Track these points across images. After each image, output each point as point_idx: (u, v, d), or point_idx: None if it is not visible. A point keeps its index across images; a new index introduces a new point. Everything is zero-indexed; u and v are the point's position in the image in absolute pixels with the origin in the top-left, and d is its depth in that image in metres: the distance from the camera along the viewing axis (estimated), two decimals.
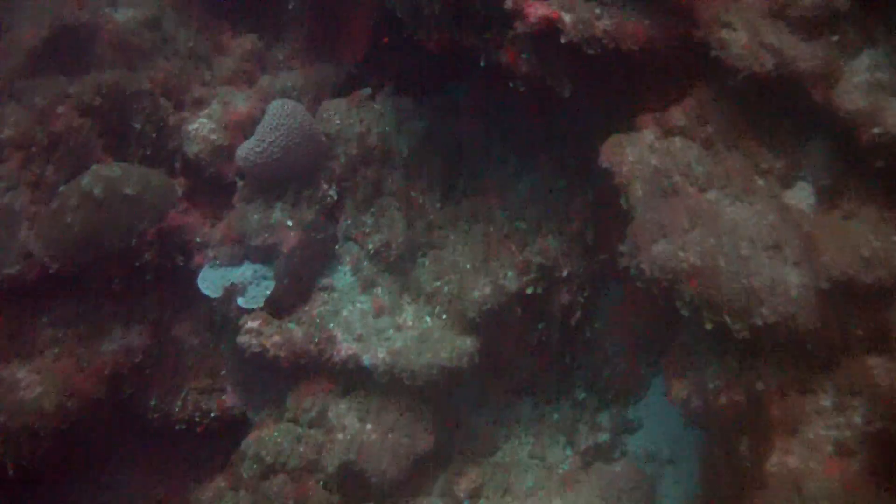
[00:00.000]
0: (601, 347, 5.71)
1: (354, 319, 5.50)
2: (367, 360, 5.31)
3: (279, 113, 5.70)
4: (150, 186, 5.64)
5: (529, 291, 5.43)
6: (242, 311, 5.63)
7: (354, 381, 5.47)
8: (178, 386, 5.99)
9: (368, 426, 5.36)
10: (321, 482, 5.32)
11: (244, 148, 5.74)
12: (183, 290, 5.98)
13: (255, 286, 5.69)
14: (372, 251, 5.65)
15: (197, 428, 5.86)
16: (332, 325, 5.48)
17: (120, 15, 6.57)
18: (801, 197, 4.42)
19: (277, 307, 5.59)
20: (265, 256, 5.75)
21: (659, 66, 4.67)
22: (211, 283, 5.75)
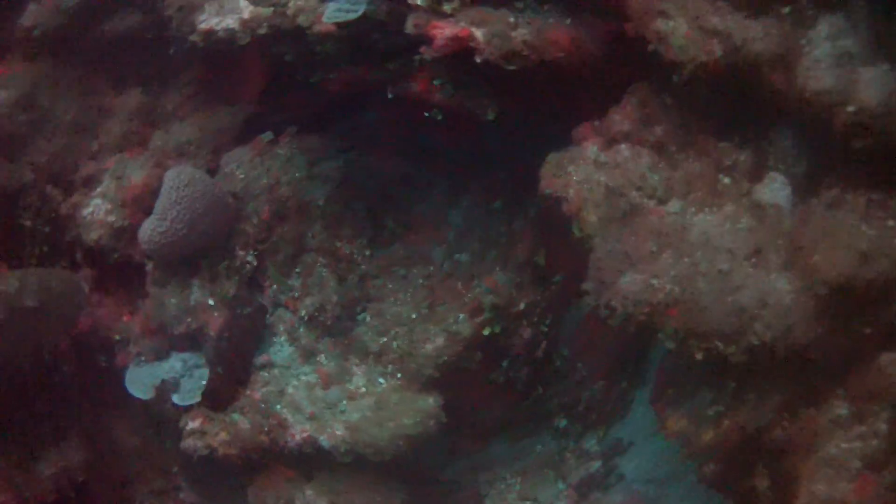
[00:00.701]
0: (574, 371, 5.26)
1: (302, 396, 5.06)
2: (324, 441, 4.85)
3: (176, 185, 5.19)
4: (52, 294, 5.10)
5: (486, 332, 4.97)
6: (179, 408, 5.10)
7: (315, 463, 4.99)
8: (130, 494, 5.57)
9: None
10: None
11: (146, 230, 5.23)
12: (112, 389, 5.51)
13: (187, 379, 5.20)
14: (306, 317, 5.15)
15: None
16: (278, 406, 5.01)
17: None
18: (774, 190, 3.90)
19: (216, 398, 5.07)
20: (192, 343, 5.27)
21: (591, 68, 4.17)
22: (140, 383, 5.29)
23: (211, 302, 5.23)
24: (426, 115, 4.53)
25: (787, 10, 3.76)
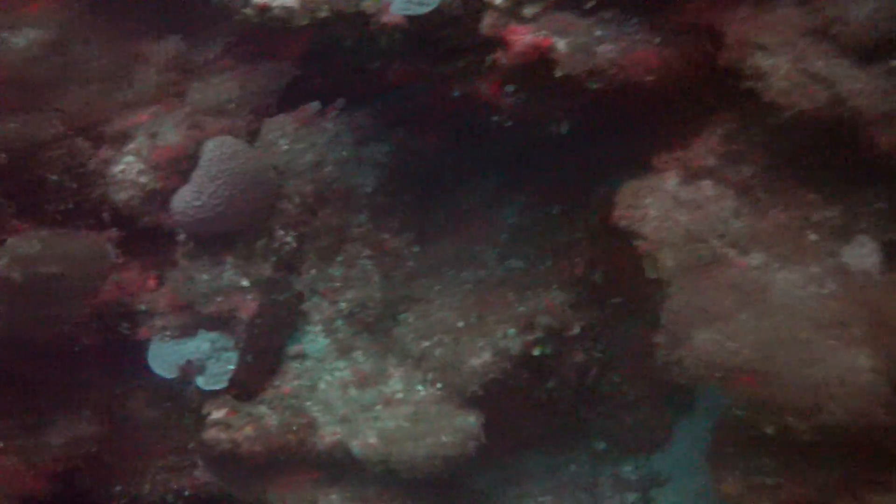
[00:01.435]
0: (622, 395, 5.00)
1: (335, 395, 4.78)
2: (355, 449, 4.59)
3: (217, 157, 4.87)
4: (76, 261, 4.84)
5: (536, 353, 4.69)
6: (203, 392, 4.85)
7: (342, 467, 4.75)
8: (143, 467, 5.34)
9: None
10: None
11: (180, 200, 4.92)
12: (131, 359, 5.23)
13: (214, 361, 4.92)
14: (346, 311, 4.88)
15: None
16: (309, 403, 4.74)
17: (20, 39, 5.52)
18: (861, 255, 3.61)
19: (243, 387, 4.82)
20: (221, 324, 4.96)
21: (677, 93, 3.84)
22: (163, 360, 5.01)
23: (245, 283, 4.95)
24: (494, 118, 4.20)
25: (894, 63, 3.42)
